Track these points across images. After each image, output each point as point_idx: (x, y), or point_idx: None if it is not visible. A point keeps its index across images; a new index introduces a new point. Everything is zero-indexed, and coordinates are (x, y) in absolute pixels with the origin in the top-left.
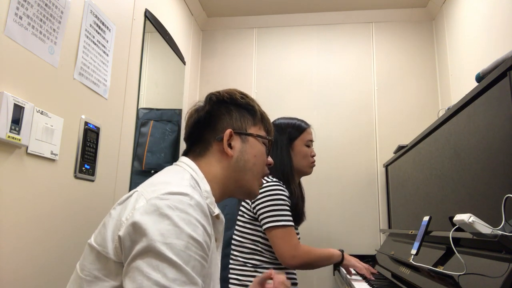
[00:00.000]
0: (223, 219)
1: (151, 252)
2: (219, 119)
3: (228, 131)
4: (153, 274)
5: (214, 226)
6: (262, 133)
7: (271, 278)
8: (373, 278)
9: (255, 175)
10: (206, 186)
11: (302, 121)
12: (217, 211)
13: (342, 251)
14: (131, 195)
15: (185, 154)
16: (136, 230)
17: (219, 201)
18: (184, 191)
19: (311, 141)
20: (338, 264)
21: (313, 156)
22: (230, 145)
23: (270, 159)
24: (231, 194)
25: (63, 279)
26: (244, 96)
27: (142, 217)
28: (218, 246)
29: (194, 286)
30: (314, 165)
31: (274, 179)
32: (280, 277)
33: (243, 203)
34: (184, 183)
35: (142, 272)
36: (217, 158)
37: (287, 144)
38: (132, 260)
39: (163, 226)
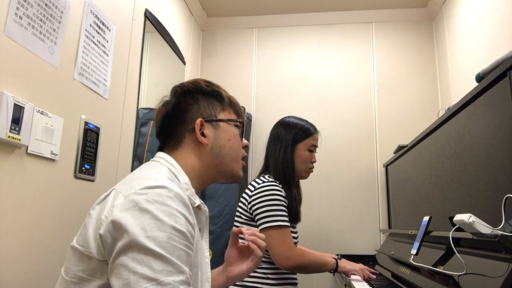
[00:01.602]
0: (206, 209)
1: (134, 247)
2: (187, 110)
3: (198, 120)
4: (138, 268)
5: (197, 216)
6: (233, 116)
7: (241, 235)
8: (370, 277)
9: (233, 158)
10: (184, 178)
11: (312, 125)
12: (198, 201)
13: (337, 259)
14: (108, 194)
15: (160, 149)
16: (117, 227)
17: (199, 190)
18: (162, 184)
19: (315, 146)
20: (333, 271)
21: (313, 162)
22: (203, 134)
23: (245, 141)
24: (213, 180)
25: None
26: (209, 83)
27: (121, 214)
28: (203, 236)
29: (181, 275)
30: (312, 171)
31: (271, 179)
32: (250, 231)
33: (239, 204)
34: (162, 177)
35: (127, 268)
36: (192, 148)
37: (292, 144)
38: (116, 257)
39: (144, 220)
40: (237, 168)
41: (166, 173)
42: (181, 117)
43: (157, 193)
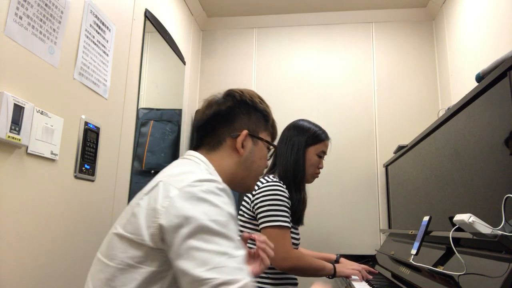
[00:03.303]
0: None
1: (201, 230)
2: (238, 118)
3: (245, 131)
4: (209, 246)
5: None
6: (269, 138)
7: (252, 239)
8: (368, 277)
9: (257, 175)
10: (218, 178)
11: (324, 132)
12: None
13: (337, 258)
14: (156, 185)
15: (197, 146)
16: (179, 216)
17: None
18: (212, 178)
19: (324, 153)
20: (331, 277)
21: (320, 167)
22: (241, 144)
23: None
24: (231, 188)
25: (63, 278)
26: (262, 101)
27: (182, 204)
28: None
29: (243, 251)
30: (317, 177)
31: (275, 179)
32: (262, 238)
33: (243, 203)
34: (205, 172)
35: (199, 248)
36: (228, 153)
37: (304, 147)
38: (182, 243)
39: (204, 207)
40: (254, 184)
41: (206, 169)
42: (230, 121)
43: (210, 185)
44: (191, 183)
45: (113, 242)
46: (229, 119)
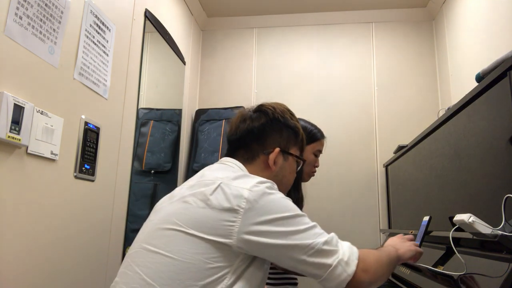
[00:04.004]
0: None
1: (285, 219)
2: (271, 135)
3: (277, 149)
4: (300, 226)
5: None
6: (298, 153)
7: None
8: None
9: (287, 188)
10: None
11: (319, 131)
12: None
13: None
14: (218, 186)
15: (230, 155)
16: (265, 213)
17: None
18: (267, 180)
19: (320, 151)
20: None
21: (316, 166)
22: (273, 161)
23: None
24: None
25: (63, 278)
26: (292, 116)
27: (260, 203)
28: None
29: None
30: (313, 175)
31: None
32: None
33: None
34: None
35: (294, 232)
36: (261, 168)
37: None
38: (278, 233)
39: (277, 200)
40: None
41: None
42: (263, 138)
43: (269, 184)
44: (256, 184)
45: (176, 238)
46: (262, 136)
